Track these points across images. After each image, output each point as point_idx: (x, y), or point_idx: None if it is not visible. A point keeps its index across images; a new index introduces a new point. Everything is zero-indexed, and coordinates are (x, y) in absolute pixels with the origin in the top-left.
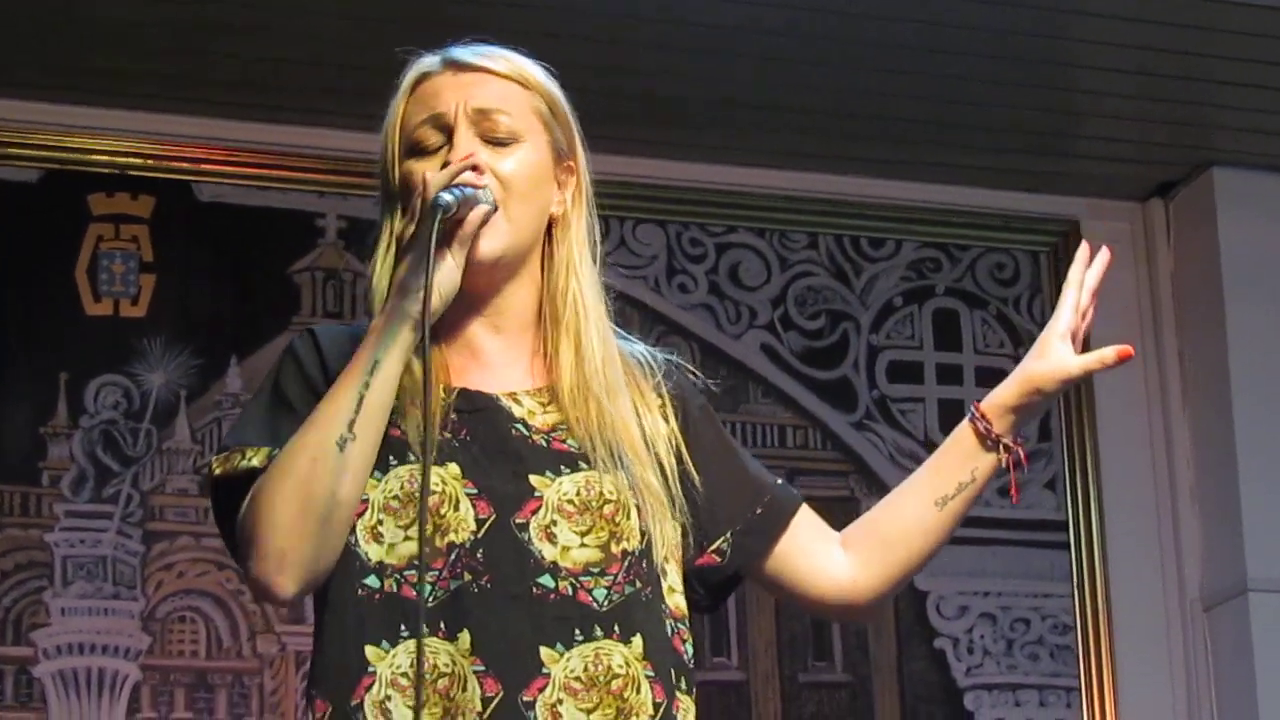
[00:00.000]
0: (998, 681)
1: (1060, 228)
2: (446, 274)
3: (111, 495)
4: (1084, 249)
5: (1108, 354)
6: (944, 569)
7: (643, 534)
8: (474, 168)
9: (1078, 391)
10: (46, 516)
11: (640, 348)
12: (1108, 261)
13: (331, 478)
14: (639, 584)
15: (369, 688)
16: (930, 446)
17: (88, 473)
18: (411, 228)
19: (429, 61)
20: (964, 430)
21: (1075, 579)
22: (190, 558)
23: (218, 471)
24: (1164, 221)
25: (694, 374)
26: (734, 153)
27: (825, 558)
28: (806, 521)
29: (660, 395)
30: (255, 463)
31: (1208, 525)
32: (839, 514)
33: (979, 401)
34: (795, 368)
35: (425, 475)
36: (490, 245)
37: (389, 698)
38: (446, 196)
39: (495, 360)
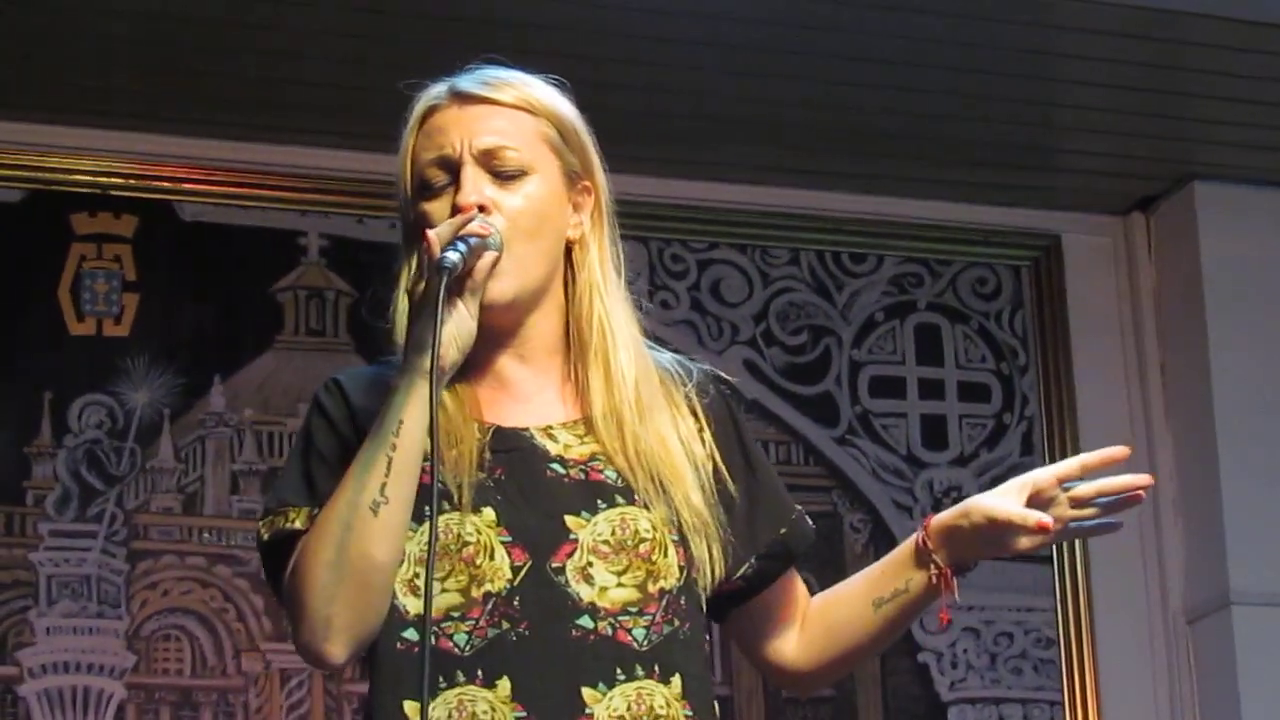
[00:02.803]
0: (981, 695)
1: (1041, 242)
2: (462, 325)
3: (96, 514)
4: (1105, 452)
5: (1030, 517)
6: None
7: (681, 569)
8: (481, 207)
9: (1059, 405)
10: (31, 536)
11: (668, 358)
12: (1117, 457)
13: (369, 543)
14: (677, 622)
15: None
16: (912, 461)
17: (72, 492)
18: (421, 285)
19: (436, 92)
20: (912, 538)
21: (1058, 593)
22: (174, 576)
23: (266, 537)
24: (1145, 235)
25: (726, 383)
26: (715, 169)
27: (790, 627)
28: (800, 584)
29: (693, 407)
30: (298, 525)
31: (1190, 538)
32: (822, 529)
33: (931, 514)
34: (777, 383)
35: (432, 538)
36: (501, 288)
37: None
38: (452, 256)
39: (526, 390)
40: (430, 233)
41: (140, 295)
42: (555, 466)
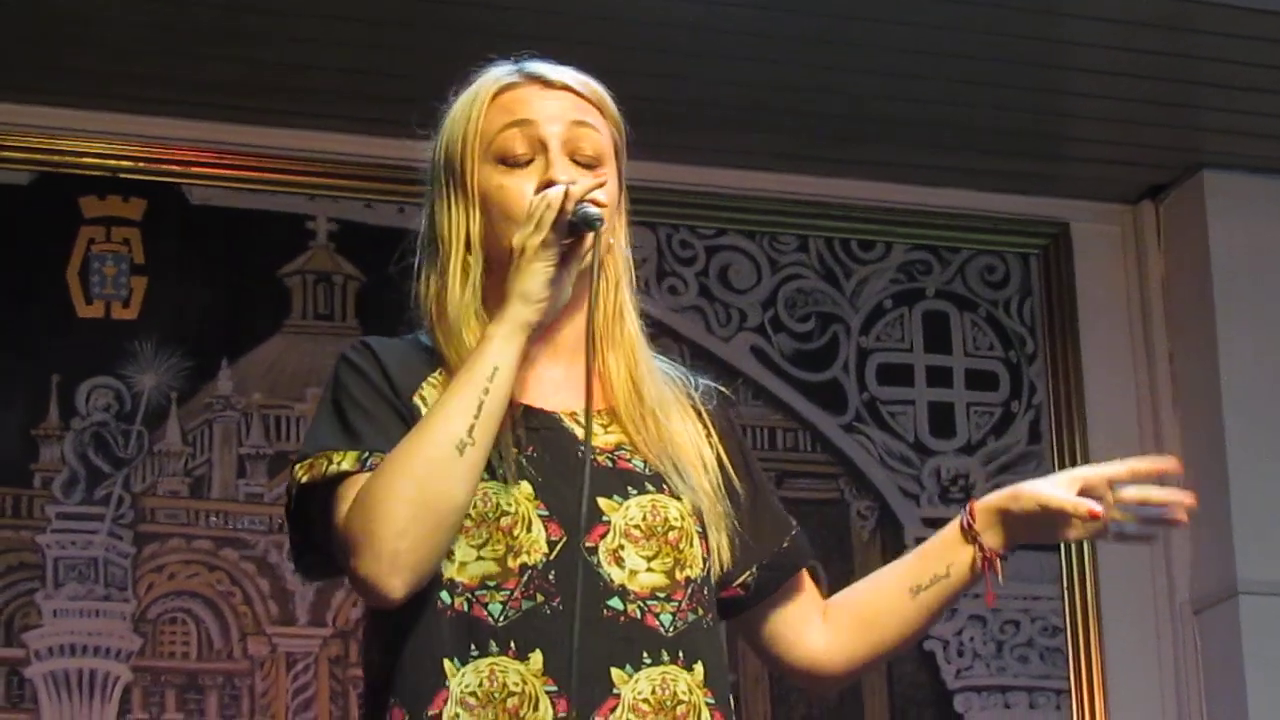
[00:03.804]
0: (987, 684)
1: (1050, 230)
2: (563, 288)
3: (103, 497)
4: (1157, 461)
5: (1081, 506)
6: None
7: (704, 561)
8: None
9: (1067, 393)
10: (38, 518)
11: (665, 365)
12: (1168, 469)
13: (451, 482)
14: (700, 611)
15: (445, 701)
16: (920, 448)
17: (79, 474)
18: (537, 237)
19: (505, 72)
20: (953, 523)
21: (1065, 581)
22: (181, 559)
23: (304, 479)
24: (1154, 224)
25: (727, 396)
26: (724, 155)
27: (809, 626)
28: (809, 583)
29: (698, 412)
30: (345, 466)
31: (1197, 528)
32: (829, 516)
33: (975, 498)
34: (785, 370)
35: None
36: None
37: (457, 715)
38: (595, 211)
39: (553, 377)
40: (572, 188)
41: (148, 278)
42: (582, 452)
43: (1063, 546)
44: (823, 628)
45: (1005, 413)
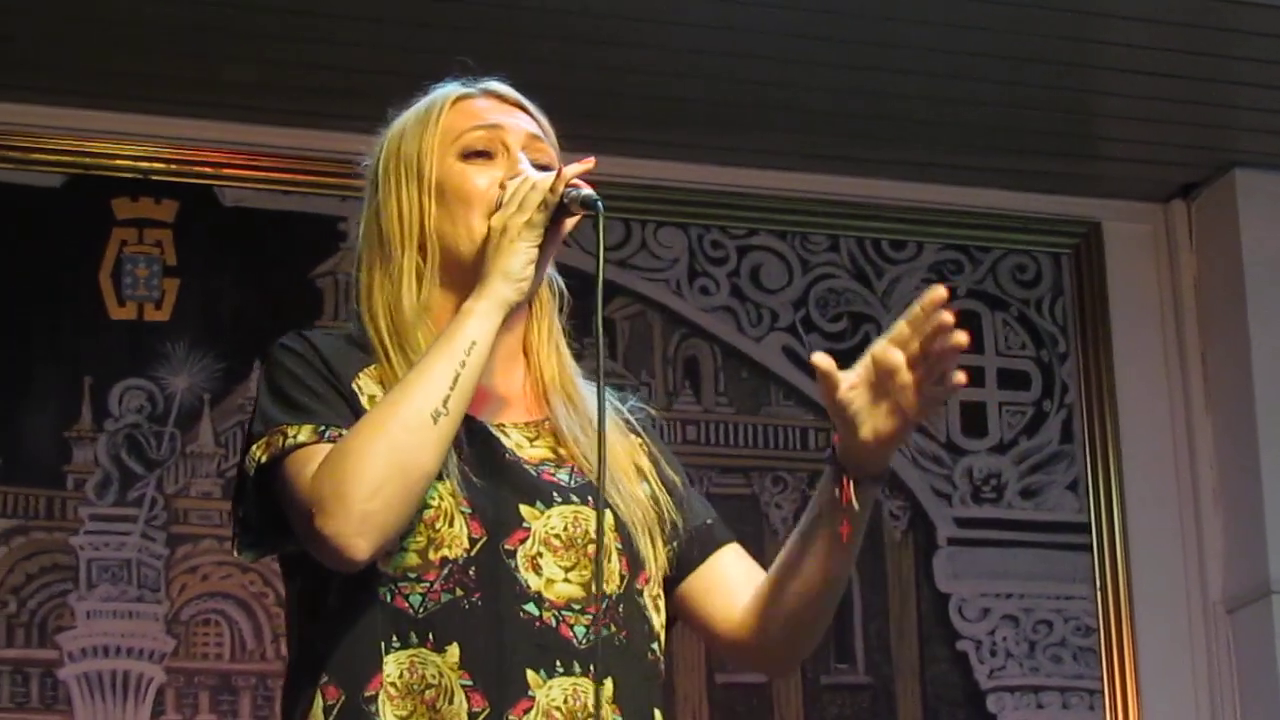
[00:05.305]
0: (1020, 683)
1: (1082, 229)
2: (541, 273)
3: (136, 498)
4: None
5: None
6: (966, 571)
7: (622, 578)
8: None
9: (1099, 392)
10: (71, 520)
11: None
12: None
13: (425, 449)
14: (614, 628)
15: (380, 684)
16: (952, 448)
17: (112, 476)
18: (521, 217)
19: (461, 85)
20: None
21: (1098, 581)
22: (214, 561)
23: (264, 458)
24: (1186, 223)
25: (653, 417)
26: (755, 155)
27: (734, 601)
28: (738, 556)
29: (632, 427)
30: (302, 438)
31: (1230, 527)
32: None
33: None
34: None
35: (600, 516)
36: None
37: (384, 702)
38: (590, 191)
39: (487, 384)
40: (565, 169)
41: (181, 280)
42: (511, 455)
43: (1095, 549)
44: (745, 602)
45: (1037, 412)
